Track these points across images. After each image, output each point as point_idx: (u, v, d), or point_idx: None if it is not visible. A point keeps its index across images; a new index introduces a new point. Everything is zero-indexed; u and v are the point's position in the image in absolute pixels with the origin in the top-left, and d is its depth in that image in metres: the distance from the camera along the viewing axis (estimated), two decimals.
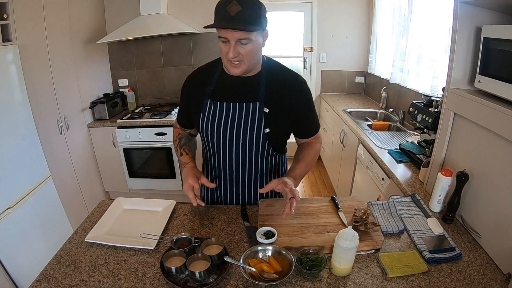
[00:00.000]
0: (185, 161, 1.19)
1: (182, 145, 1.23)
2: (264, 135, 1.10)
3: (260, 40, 1.00)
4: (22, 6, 1.96)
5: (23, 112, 1.92)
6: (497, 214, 0.98)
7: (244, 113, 1.09)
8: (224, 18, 0.91)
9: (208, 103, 1.12)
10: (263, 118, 1.08)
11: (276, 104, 1.09)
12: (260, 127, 1.09)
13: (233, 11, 0.90)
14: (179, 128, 1.30)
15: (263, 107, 1.08)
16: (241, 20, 0.91)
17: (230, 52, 0.95)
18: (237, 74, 1.04)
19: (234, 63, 1.00)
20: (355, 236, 0.86)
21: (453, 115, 1.21)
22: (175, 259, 0.91)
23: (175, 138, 1.28)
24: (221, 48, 0.98)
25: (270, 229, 1.01)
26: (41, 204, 2.01)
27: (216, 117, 1.11)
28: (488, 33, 1.05)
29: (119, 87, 3.32)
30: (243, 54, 0.98)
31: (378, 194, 1.86)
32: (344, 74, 3.73)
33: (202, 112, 1.12)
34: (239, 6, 0.90)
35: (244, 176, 1.20)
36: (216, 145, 1.15)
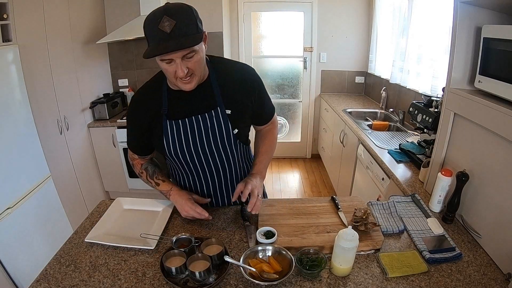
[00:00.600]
0: (166, 189, 1.13)
1: (152, 175, 1.16)
2: (234, 136, 1.08)
3: (203, 46, 0.92)
4: (22, 6, 1.96)
5: (23, 112, 1.92)
6: (497, 214, 0.98)
7: (209, 123, 1.04)
8: (161, 39, 0.82)
9: (168, 125, 1.03)
10: (228, 121, 1.05)
11: (235, 103, 1.05)
12: (228, 130, 1.06)
13: (168, 28, 0.80)
14: (138, 159, 1.19)
15: (225, 110, 1.04)
16: (181, 35, 0.82)
17: (178, 71, 0.87)
18: (192, 88, 0.95)
19: (186, 80, 0.92)
20: (355, 236, 0.86)
21: (453, 115, 1.21)
22: (175, 259, 0.91)
23: (140, 171, 1.19)
24: (166, 69, 0.89)
25: (270, 229, 1.01)
26: (41, 204, 2.01)
27: (181, 136, 1.04)
28: (488, 33, 1.05)
29: (119, 87, 3.32)
30: (192, 68, 0.90)
31: (378, 194, 1.86)
32: (344, 74, 3.73)
33: (164, 136, 1.04)
34: (172, 20, 0.80)
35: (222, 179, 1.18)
36: (190, 162, 1.10)
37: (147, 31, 0.86)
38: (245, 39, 3.63)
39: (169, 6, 0.83)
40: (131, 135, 1.15)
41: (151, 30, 0.84)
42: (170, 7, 0.83)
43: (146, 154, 1.19)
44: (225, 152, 1.11)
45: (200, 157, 1.10)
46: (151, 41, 0.85)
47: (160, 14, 0.81)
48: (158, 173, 1.17)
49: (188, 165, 1.12)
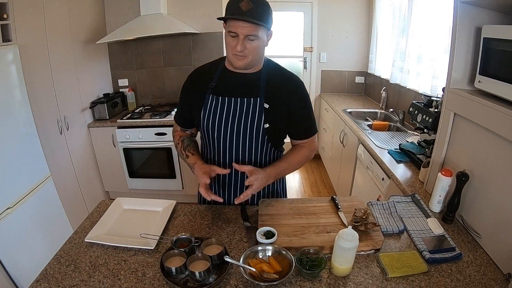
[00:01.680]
0: (192, 162, 1.18)
1: (186, 147, 1.24)
2: (263, 130, 1.13)
3: (265, 38, 1.06)
4: (22, 6, 1.96)
5: (23, 112, 1.92)
6: (497, 214, 0.98)
7: (245, 108, 1.12)
8: (236, 13, 0.97)
9: (210, 98, 1.14)
10: (263, 113, 1.11)
11: (276, 101, 1.13)
12: (260, 122, 1.12)
13: (245, 8, 0.97)
14: (179, 131, 1.31)
15: (264, 103, 1.11)
16: (252, 16, 0.97)
17: (238, 45, 1.01)
18: (241, 66, 1.07)
19: (239, 56, 1.04)
20: (355, 236, 0.86)
21: (453, 115, 1.21)
22: (175, 259, 0.91)
23: (177, 141, 1.28)
24: (229, 42, 1.03)
25: (270, 229, 1.01)
26: (41, 204, 2.01)
27: (217, 111, 1.14)
28: (488, 33, 1.05)
29: (119, 87, 3.32)
30: (249, 49, 1.03)
31: (378, 194, 1.86)
32: (344, 74, 3.73)
33: (203, 107, 1.15)
34: (251, 3, 0.97)
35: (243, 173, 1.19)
36: (217, 139, 1.17)
37: (228, 5, 1.00)
38: None
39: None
40: (179, 106, 1.29)
41: (232, 5, 0.99)
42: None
43: (187, 127, 1.30)
44: (250, 141, 1.15)
45: (227, 136, 1.15)
46: (228, 12, 1.00)
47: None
48: (191, 147, 1.24)
49: (215, 141, 1.18)
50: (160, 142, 2.82)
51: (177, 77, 3.27)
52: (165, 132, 2.78)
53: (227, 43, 1.05)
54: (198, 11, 3.04)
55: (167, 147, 2.83)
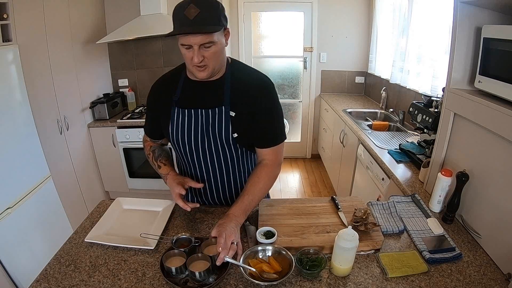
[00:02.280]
0: (165, 172, 1.16)
1: (157, 157, 1.20)
2: (233, 140, 1.07)
3: (222, 40, 0.97)
4: (22, 6, 1.96)
5: (23, 112, 1.92)
6: (497, 214, 0.98)
7: (211, 119, 1.06)
8: (184, 23, 0.89)
9: (175, 112, 1.08)
10: (230, 122, 1.05)
11: (242, 107, 1.05)
12: (228, 132, 1.06)
13: (191, 15, 0.87)
14: (150, 141, 1.26)
15: (229, 111, 1.04)
16: (201, 23, 0.88)
17: (194, 57, 0.92)
18: (204, 77, 1.00)
19: (200, 68, 0.97)
20: (355, 236, 0.86)
21: (453, 115, 1.21)
22: (175, 259, 0.91)
23: (148, 152, 1.24)
24: (185, 54, 0.96)
25: (270, 229, 1.01)
26: (41, 204, 2.01)
27: (185, 125, 1.08)
28: (488, 33, 1.05)
29: (119, 87, 3.32)
30: (207, 58, 0.95)
31: (378, 194, 1.86)
32: (344, 74, 3.73)
33: (170, 121, 1.09)
34: (197, 8, 0.87)
35: (218, 179, 1.18)
36: (189, 152, 1.12)
37: (174, 15, 0.92)
38: (245, 39, 3.63)
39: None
40: (147, 118, 1.24)
41: (177, 14, 0.91)
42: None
43: (157, 138, 1.24)
44: (223, 151, 1.11)
45: (199, 149, 1.11)
46: (175, 24, 0.92)
47: (188, 1, 0.88)
48: (163, 157, 1.21)
49: (187, 155, 1.14)
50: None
51: None
52: None
53: (184, 55, 0.96)
54: None
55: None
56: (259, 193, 1.08)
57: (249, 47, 3.68)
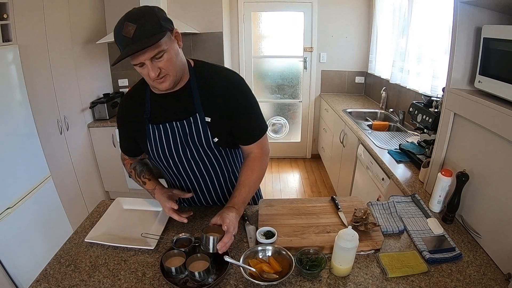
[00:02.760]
0: (151, 188, 1.13)
1: (140, 173, 1.17)
2: (214, 144, 1.04)
3: (173, 45, 0.91)
4: (22, 6, 1.96)
5: (23, 112, 1.92)
6: (497, 214, 0.98)
7: (187, 129, 1.02)
8: (126, 44, 0.83)
9: (150, 129, 1.05)
10: (207, 128, 1.02)
11: (217, 111, 1.01)
12: (208, 138, 1.03)
13: (130, 33, 0.82)
14: (128, 159, 1.21)
15: (204, 117, 1.01)
16: (143, 37, 0.83)
17: (150, 72, 0.88)
18: (168, 87, 0.95)
19: (160, 80, 0.91)
20: (355, 236, 0.86)
21: (453, 115, 1.21)
22: (175, 259, 0.91)
23: (129, 169, 1.20)
24: (141, 72, 0.91)
25: (270, 229, 1.01)
26: (41, 204, 2.01)
27: (162, 140, 1.05)
28: (488, 33, 1.05)
29: (119, 87, 3.32)
30: (164, 68, 0.89)
31: (378, 194, 1.86)
32: (344, 74, 3.74)
33: (147, 139, 1.06)
34: (133, 24, 0.82)
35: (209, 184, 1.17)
36: (173, 165, 1.10)
37: (115, 39, 0.86)
38: (245, 39, 3.63)
39: (130, 12, 0.85)
40: (121, 137, 1.17)
41: (117, 38, 0.85)
42: (131, 12, 0.85)
43: (135, 155, 1.20)
44: (207, 158, 1.09)
45: (183, 161, 1.09)
46: (120, 48, 0.87)
47: (122, 20, 0.84)
48: (146, 172, 1.18)
49: (172, 168, 1.12)
50: None
51: None
52: None
53: (141, 73, 0.92)
54: (198, 11, 3.04)
55: None
56: (254, 185, 1.08)
57: (249, 47, 3.68)
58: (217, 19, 3.06)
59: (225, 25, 3.24)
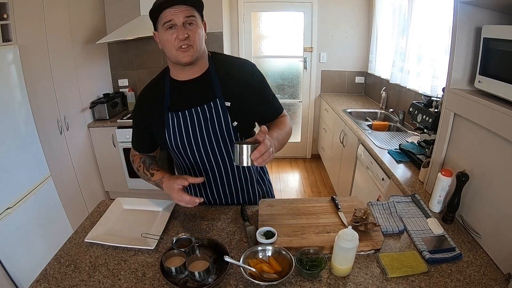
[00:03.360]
0: (159, 177, 1.13)
1: (148, 166, 1.17)
2: (233, 129, 1.07)
3: (201, 26, 1.00)
4: (22, 6, 1.96)
5: (23, 112, 1.92)
6: (497, 214, 0.98)
7: (208, 114, 1.06)
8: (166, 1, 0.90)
9: (170, 117, 1.08)
10: (227, 112, 1.06)
11: (235, 95, 1.07)
12: (228, 122, 1.06)
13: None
14: (138, 155, 1.23)
15: (224, 102, 1.06)
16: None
17: (179, 34, 0.93)
18: (188, 61, 0.98)
19: (184, 48, 0.96)
20: (355, 236, 0.86)
21: (453, 115, 1.21)
22: (175, 259, 0.91)
23: (138, 164, 1.20)
24: (168, 38, 0.95)
25: (270, 229, 1.01)
26: (41, 204, 2.01)
27: (181, 127, 1.08)
28: (488, 33, 1.05)
29: (119, 87, 3.32)
30: (191, 36, 0.95)
31: (378, 194, 1.86)
32: (344, 74, 3.74)
33: (166, 128, 1.08)
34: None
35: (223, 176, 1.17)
36: (190, 154, 1.12)
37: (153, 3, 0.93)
38: (245, 39, 3.63)
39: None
40: (135, 133, 1.20)
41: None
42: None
43: (147, 152, 1.23)
44: (224, 144, 1.10)
45: (200, 150, 1.11)
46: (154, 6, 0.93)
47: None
48: (154, 164, 1.18)
49: (189, 158, 1.13)
50: None
51: None
52: None
53: (166, 41, 0.96)
54: None
55: None
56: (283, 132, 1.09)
57: (249, 47, 3.68)
58: (217, 19, 3.06)
59: (225, 25, 3.24)
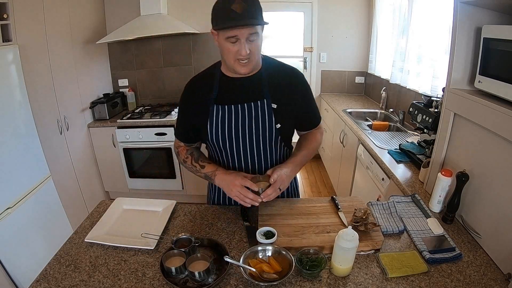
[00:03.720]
0: (211, 170, 1.13)
1: (197, 159, 1.18)
2: (276, 131, 1.11)
3: (262, 35, 1.02)
4: (22, 6, 1.96)
5: (23, 112, 1.92)
6: (497, 214, 0.98)
7: (254, 112, 1.09)
8: (232, 18, 0.92)
9: (214, 109, 1.10)
10: (272, 114, 1.09)
11: (282, 99, 1.10)
12: (272, 123, 1.10)
13: (240, 9, 0.91)
14: (184, 146, 1.24)
15: (271, 103, 1.09)
16: (250, 16, 0.92)
17: (242, 49, 0.96)
18: (246, 73, 1.04)
19: (243, 62, 1.00)
20: (355, 236, 0.86)
21: (453, 115, 1.21)
22: (175, 259, 0.91)
23: (185, 155, 1.21)
24: (229, 48, 0.98)
25: (270, 229, 1.01)
26: (41, 204, 2.01)
27: (225, 121, 1.10)
28: (488, 33, 1.05)
29: (119, 87, 3.32)
30: (252, 51, 0.98)
31: (378, 194, 1.86)
32: (344, 74, 3.73)
33: (209, 120, 1.11)
34: (244, 3, 0.91)
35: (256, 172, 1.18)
36: (229, 149, 1.14)
37: (218, 10, 0.96)
38: None
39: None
40: (180, 122, 1.22)
41: (223, 9, 0.94)
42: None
43: (192, 142, 1.23)
44: (264, 144, 1.13)
45: (240, 145, 1.13)
46: (221, 19, 0.95)
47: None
48: (202, 157, 1.20)
49: (227, 152, 1.15)
50: (160, 142, 2.82)
51: (177, 77, 3.27)
52: (165, 132, 2.78)
53: (227, 51, 0.98)
54: (198, 11, 3.04)
55: (167, 147, 2.83)
56: (311, 151, 1.20)
57: None
58: None
59: None
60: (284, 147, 1.20)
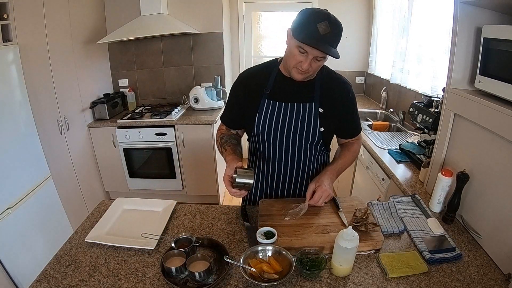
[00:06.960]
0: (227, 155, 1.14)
1: (224, 143, 1.22)
2: (319, 133, 1.16)
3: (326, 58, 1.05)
4: (22, 6, 1.96)
5: (23, 112, 1.92)
6: (497, 214, 0.98)
7: (301, 113, 1.15)
8: (313, 36, 0.94)
9: (265, 103, 1.16)
10: (318, 117, 1.14)
11: (329, 105, 1.15)
12: (316, 126, 1.15)
13: (323, 31, 0.94)
14: (225, 129, 1.30)
15: (319, 107, 1.14)
16: (328, 42, 0.96)
17: (304, 63, 1.00)
18: (300, 80, 1.08)
19: (301, 72, 1.04)
20: (355, 237, 0.86)
21: (453, 115, 1.21)
22: (175, 259, 0.91)
23: (217, 137, 1.27)
24: (295, 55, 1.01)
25: (270, 229, 1.01)
26: (41, 204, 2.01)
27: (273, 116, 1.16)
28: (488, 33, 1.05)
29: (119, 87, 3.32)
30: (314, 68, 1.04)
31: (378, 194, 1.86)
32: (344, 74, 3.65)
33: (258, 111, 1.16)
34: (329, 28, 0.94)
35: (294, 170, 1.25)
36: (272, 143, 1.19)
37: (304, 20, 0.98)
38: (245, 39, 3.63)
39: (332, 16, 0.97)
40: (229, 107, 1.27)
41: (309, 24, 0.96)
42: (333, 17, 0.97)
43: (234, 128, 1.29)
44: (306, 144, 1.19)
45: (283, 141, 1.18)
46: (303, 31, 0.97)
47: (324, 17, 0.96)
48: (229, 143, 1.21)
49: (270, 145, 1.20)
50: (160, 142, 2.82)
51: (177, 77, 3.27)
52: (165, 132, 2.78)
53: (292, 55, 1.02)
54: (198, 11, 3.04)
55: (167, 147, 2.83)
56: (349, 160, 1.25)
57: (249, 47, 3.67)
58: (217, 19, 3.06)
59: (225, 25, 3.24)
60: (323, 149, 1.26)
